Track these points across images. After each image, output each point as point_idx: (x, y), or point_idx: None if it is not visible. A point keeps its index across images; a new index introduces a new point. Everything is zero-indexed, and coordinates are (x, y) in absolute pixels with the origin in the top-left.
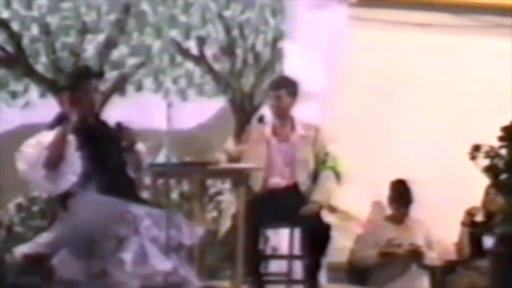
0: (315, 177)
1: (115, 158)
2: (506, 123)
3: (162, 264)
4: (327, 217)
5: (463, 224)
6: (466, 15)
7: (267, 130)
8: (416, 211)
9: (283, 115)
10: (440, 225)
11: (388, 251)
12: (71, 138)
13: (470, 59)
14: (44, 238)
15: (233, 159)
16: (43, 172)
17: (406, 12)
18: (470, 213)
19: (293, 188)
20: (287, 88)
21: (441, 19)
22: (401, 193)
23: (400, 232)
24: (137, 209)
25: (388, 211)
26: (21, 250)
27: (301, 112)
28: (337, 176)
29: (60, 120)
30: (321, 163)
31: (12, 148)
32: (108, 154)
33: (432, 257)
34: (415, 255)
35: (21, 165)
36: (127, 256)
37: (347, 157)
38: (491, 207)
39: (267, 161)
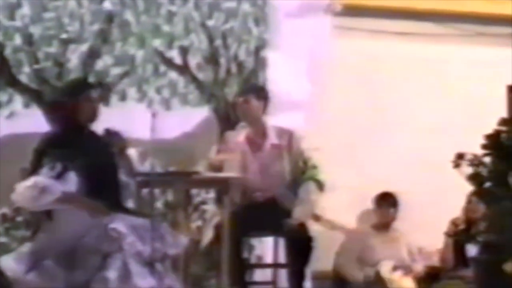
0: (295, 186)
1: (105, 163)
2: (489, 131)
3: (144, 282)
4: (312, 225)
5: (448, 234)
6: (448, 24)
7: (241, 138)
8: (400, 219)
9: (253, 121)
10: (424, 233)
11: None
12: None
13: (452, 68)
14: (28, 247)
15: (215, 168)
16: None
17: (388, 21)
18: (455, 223)
19: (274, 201)
20: (255, 92)
21: (423, 28)
22: (386, 200)
23: (384, 241)
24: (121, 225)
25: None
26: (5, 260)
27: (285, 121)
28: (319, 185)
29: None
30: (301, 173)
31: None
32: (98, 159)
33: (417, 269)
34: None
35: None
36: (111, 274)
37: (331, 165)
38: (473, 215)
39: (243, 171)
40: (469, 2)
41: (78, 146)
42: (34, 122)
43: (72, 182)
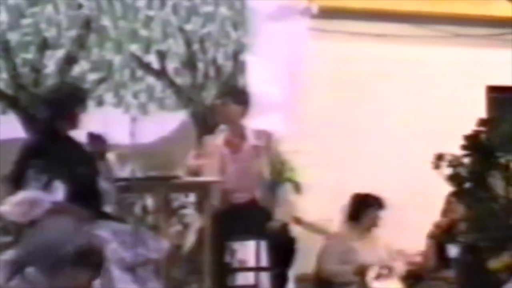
0: (273, 188)
1: (86, 170)
2: (468, 131)
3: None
4: (293, 228)
5: (431, 237)
6: (426, 26)
7: (220, 141)
8: (381, 221)
9: (231, 124)
10: (404, 236)
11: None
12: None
13: (430, 69)
14: (9, 255)
15: (193, 173)
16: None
17: (366, 23)
18: (438, 226)
19: (254, 203)
20: (233, 95)
21: (401, 30)
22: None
23: (365, 242)
24: (104, 232)
25: None
26: None
27: (264, 123)
28: (296, 186)
29: None
30: (278, 175)
31: None
32: (80, 166)
33: (398, 267)
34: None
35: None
36: (95, 281)
37: (311, 168)
38: (452, 215)
39: (222, 174)
40: (446, 3)
41: (60, 154)
42: (11, 128)
43: (59, 191)
